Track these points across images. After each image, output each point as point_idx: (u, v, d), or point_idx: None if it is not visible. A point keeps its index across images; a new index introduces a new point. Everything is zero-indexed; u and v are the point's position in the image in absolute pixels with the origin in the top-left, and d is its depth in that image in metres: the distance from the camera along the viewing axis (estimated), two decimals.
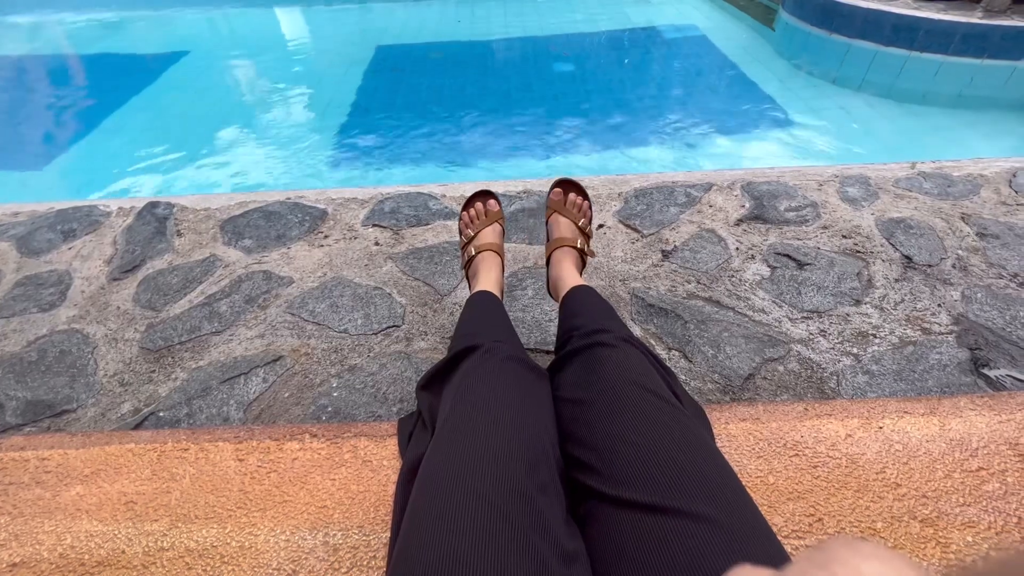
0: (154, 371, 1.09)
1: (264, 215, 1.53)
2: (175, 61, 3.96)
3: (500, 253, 0.99)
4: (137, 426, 0.98)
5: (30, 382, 1.08)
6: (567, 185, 1.03)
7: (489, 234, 1.00)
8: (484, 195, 1.05)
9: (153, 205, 1.59)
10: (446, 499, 0.43)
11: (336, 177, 2.59)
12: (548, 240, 1.01)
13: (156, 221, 1.53)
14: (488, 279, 0.92)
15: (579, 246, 0.97)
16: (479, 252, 0.97)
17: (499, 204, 1.04)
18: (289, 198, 1.59)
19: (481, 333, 0.70)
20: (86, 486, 0.65)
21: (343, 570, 0.58)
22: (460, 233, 1.05)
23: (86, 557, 0.58)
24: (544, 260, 1.02)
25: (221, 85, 3.62)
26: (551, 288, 0.96)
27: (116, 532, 0.61)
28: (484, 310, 0.82)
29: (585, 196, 1.04)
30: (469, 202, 1.05)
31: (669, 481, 0.43)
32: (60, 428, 1.00)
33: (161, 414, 1.00)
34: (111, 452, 0.69)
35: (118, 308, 1.25)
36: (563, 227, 0.99)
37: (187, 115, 3.25)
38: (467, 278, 0.99)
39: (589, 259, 1.02)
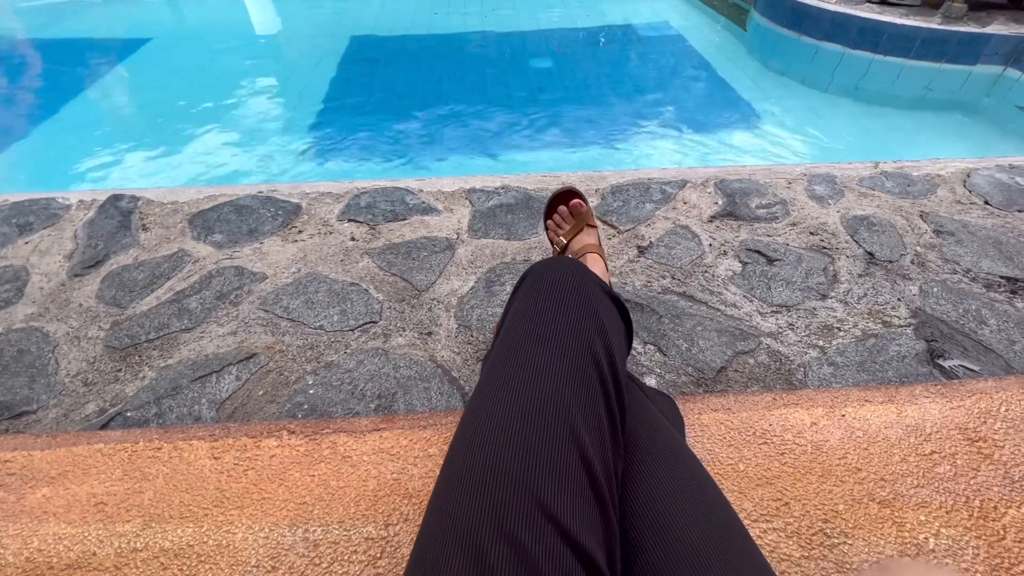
0: (120, 370, 1.06)
1: (235, 209, 1.49)
2: (137, 48, 3.80)
3: (603, 255, 0.91)
4: (103, 427, 0.95)
5: None
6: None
7: (585, 237, 0.92)
8: (568, 195, 0.96)
9: (116, 198, 1.53)
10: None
11: (309, 170, 2.53)
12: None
13: (120, 215, 1.47)
14: None
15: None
16: (581, 256, 0.87)
17: (586, 204, 0.95)
18: (261, 192, 1.56)
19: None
20: (53, 488, 0.63)
21: (324, 565, 0.58)
22: (551, 243, 0.97)
23: (55, 560, 0.57)
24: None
25: (186, 74, 3.49)
26: None
27: (86, 534, 0.59)
28: None
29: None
30: (551, 206, 0.97)
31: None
32: (20, 430, 0.96)
33: (128, 414, 0.97)
34: (79, 453, 0.67)
35: (80, 305, 1.21)
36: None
37: (150, 105, 3.13)
38: None
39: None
